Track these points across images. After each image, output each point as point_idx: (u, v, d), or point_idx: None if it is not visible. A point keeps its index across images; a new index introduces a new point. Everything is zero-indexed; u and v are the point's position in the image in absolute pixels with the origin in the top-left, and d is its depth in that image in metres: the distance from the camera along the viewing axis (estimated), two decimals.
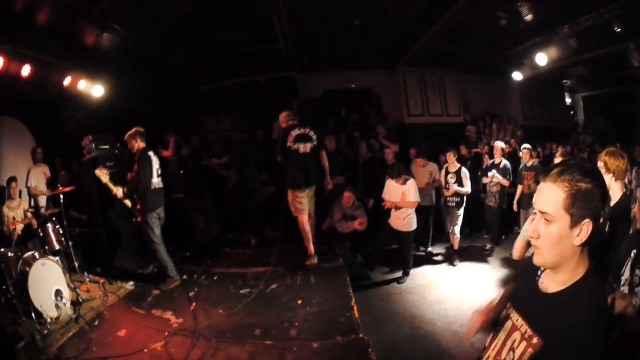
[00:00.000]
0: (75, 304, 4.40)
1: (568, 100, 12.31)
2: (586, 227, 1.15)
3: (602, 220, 1.22)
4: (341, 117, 9.24)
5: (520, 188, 6.53)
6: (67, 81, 6.36)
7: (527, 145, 6.52)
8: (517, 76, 8.67)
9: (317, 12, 6.36)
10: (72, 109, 7.33)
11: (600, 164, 2.99)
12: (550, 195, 1.17)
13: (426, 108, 9.97)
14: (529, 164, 6.44)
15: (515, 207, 6.59)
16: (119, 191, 4.82)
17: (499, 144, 6.75)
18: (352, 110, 9.40)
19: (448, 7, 5.92)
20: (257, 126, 8.14)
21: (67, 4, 4.86)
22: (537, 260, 1.24)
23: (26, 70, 5.49)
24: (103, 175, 4.80)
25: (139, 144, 5.02)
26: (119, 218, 5.52)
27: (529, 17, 6.24)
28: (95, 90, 6.92)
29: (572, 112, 12.44)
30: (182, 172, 6.99)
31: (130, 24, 5.76)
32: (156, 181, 5.02)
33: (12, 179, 5.71)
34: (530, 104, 10.74)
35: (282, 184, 7.13)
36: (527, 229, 1.29)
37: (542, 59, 7.32)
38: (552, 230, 1.17)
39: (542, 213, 1.19)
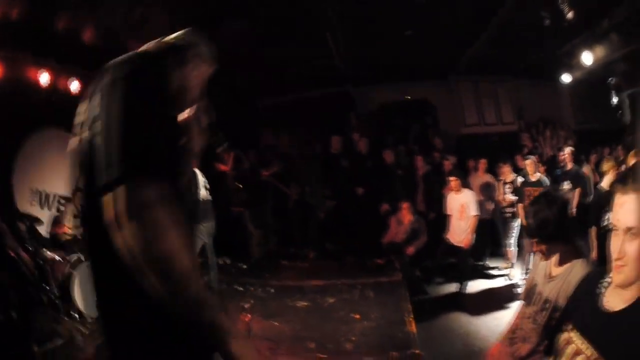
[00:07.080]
0: None
1: (615, 100, 11.54)
2: None
3: None
4: (400, 130, 9.13)
5: (521, 208, 5.53)
6: None
7: (531, 156, 5.69)
8: (566, 78, 8.39)
9: (369, 25, 6.36)
10: None
11: None
12: (636, 206, 1.07)
13: (481, 117, 9.66)
14: (533, 178, 5.50)
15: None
16: None
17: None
18: (412, 122, 9.26)
19: (495, 9, 5.85)
20: (315, 141, 8.13)
21: (113, 24, 4.95)
22: (617, 279, 1.14)
23: (74, 86, 5.65)
24: None
25: None
26: None
27: (569, 15, 6.06)
28: None
29: (619, 112, 11.58)
30: (241, 185, 7.08)
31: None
32: (203, 193, 5.10)
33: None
34: (582, 107, 10.13)
35: (343, 197, 7.19)
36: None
37: (587, 57, 7.06)
38: (636, 245, 1.07)
39: (628, 229, 1.08)
